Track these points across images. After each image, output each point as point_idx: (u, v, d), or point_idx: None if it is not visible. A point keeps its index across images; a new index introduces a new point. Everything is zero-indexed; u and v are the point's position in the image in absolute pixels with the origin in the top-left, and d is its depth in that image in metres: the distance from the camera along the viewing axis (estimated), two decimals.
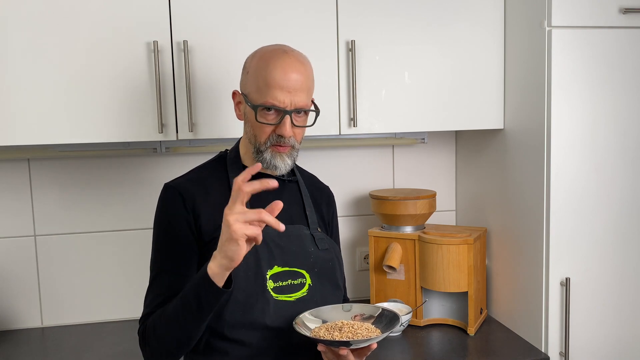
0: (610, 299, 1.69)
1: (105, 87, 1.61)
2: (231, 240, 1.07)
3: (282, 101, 1.23)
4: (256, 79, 1.26)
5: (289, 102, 1.24)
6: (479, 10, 1.82)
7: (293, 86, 1.24)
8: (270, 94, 1.23)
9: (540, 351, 1.69)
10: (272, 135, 1.27)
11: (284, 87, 1.23)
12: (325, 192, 1.52)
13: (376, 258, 1.95)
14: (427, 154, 2.22)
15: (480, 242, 1.88)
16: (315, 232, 1.39)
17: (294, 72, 1.24)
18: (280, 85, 1.23)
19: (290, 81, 1.23)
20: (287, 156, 1.29)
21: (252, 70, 1.28)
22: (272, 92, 1.23)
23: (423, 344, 1.77)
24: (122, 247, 2.01)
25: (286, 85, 1.23)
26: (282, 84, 1.23)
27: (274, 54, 1.27)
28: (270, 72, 1.23)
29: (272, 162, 1.28)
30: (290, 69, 1.24)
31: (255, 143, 1.29)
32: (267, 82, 1.23)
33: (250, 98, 1.27)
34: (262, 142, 1.27)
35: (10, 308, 1.96)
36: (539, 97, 1.66)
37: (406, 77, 1.80)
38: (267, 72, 1.24)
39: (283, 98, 1.23)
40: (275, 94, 1.23)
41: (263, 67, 1.25)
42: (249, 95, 1.28)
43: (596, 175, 1.65)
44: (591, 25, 1.61)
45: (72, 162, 1.96)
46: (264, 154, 1.28)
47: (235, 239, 1.07)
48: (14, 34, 1.55)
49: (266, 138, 1.27)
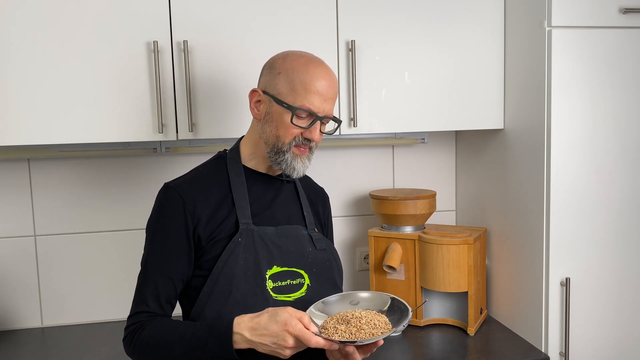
0: (610, 299, 1.69)
1: (105, 87, 1.61)
2: (276, 353, 1.15)
3: (318, 107, 1.27)
4: (292, 81, 1.27)
5: (322, 109, 1.28)
6: (479, 10, 1.82)
7: (329, 95, 1.29)
8: (308, 99, 1.26)
9: (540, 351, 1.69)
10: (297, 137, 1.29)
11: (322, 94, 1.27)
12: (321, 193, 1.53)
13: (376, 258, 1.95)
14: (427, 154, 2.22)
15: (480, 242, 1.88)
16: (313, 232, 1.39)
17: (331, 81, 1.30)
18: (320, 92, 1.27)
19: (329, 90, 1.28)
20: (306, 159, 1.33)
21: (286, 71, 1.29)
22: (311, 97, 1.27)
23: (423, 344, 1.77)
24: (122, 247, 2.01)
25: (324, 93, 1.28)
26: (321, 91, 1.27)
27: (312, 60, 1.30)
28: (311, 77, 1.27)
29: (292, 163, 1.30)
30: (329, 78, 1.29)
31: (276, 143, 1.30)
32: (306, 86, 1.26)
33: (286, 100, 1.28)
34: (287, 142, 1.29)
35: (10, 308, 1.96)
36: (539, 97, 1.66)
37: (406, 77, 1.80)
38: (306, 76, 1.27)
39: (319, 104, 1.27)
40: (313, 99, 1.27)
41: (302, 71, 1.28)
42: (281, 97, 1.29)
43: (596, 175, 1.65)
44: (591, 25, 1.61)
45: (72, 162, 1.96)
46: (285, 154, 1.30)
47: (279, 354, 1.15)
48: (14, 34, 1.55)
49: (291, 139, 1.29)
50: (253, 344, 1.16)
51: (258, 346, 1.16)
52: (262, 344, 1.15)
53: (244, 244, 1.28)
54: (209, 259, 1.28)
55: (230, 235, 1.29)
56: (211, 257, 1.28)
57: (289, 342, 1.13)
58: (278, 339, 1.14)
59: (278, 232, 1.33)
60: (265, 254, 1.29)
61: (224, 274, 1.26)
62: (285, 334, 1.13)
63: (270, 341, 1.14)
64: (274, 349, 1.14)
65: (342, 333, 1.16)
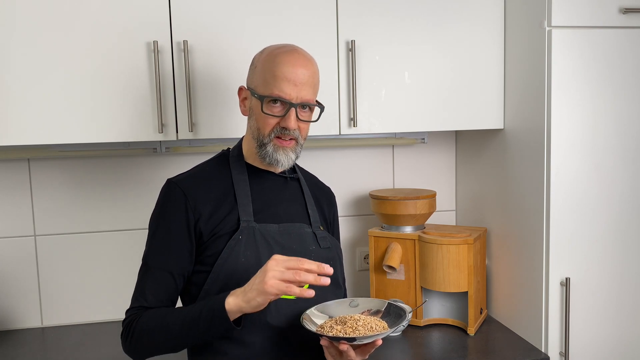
0: (610, 299, 1.69)
1: (105, 87, 1.61)
2: (262, 292, 1.11)
3: (289, 94, 1.26)
4: (264, 72, 1.28)
5: (295, 95, 1.26)
6: (479, 10, 1.82)
7: (300, 80, 1.26)
8: (277, 86, 1.26)
9: (540, 351, 1.69)
10: (276, 128, 1.28)
11: (290, 80, 1.25)
12: (327, 191, 1.52)
13: (376, 258, 1.95)
14: (427, 154, 2.22)
15: (480, 242, 1.88)
16: (318, 230, 1.39)
17: (301, 67, 1.27)
18: (288, 78, 1.25)
19: (297, 75, 1.26)
20: (290, 151, 1.30)
21: (260, 64, 1.30)
22: (280, 84, 1.25)
23: (423, 344, 1.77)
24: (122, 247, 2.01)
25: (293, 79, 1.25)
26: (289, 77, 1.25)
27: (283, 49, 1.30)
28: (278, 65, 1.26)
29: (274, 155, 1.29)
30: (298, 64, 1.27)
31: (258, 136, 1.30)
32: (274, 74, 1.26)
33: (257, 90, 1.29)
34: (266, 134, 1.29)
35: (10, 308, 1.96)
36: (538, 97, 1.66)
37: (406, 77, 1.80)
38: (274, 65, 1.26)
39: (289, 91, 1.26)
40: (282, 86, 1.25)
41: (271, 60, 1.28)
42: (255, 89, 1.30)
43: (596, 175, 1.65)
44: (591, 25, 1.61)
45: (72, 162, 1.96)
46: (266, 147, 1.29)
47: (266, 293, 1.10)
48: (13, 34, 1.55)
49: (270, 130, 1.28)
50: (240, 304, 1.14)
51: (243, 302, 1.13)
52: (245, 294, 1.13)
53: (245, 242, 1.28)
54: (210, 254, 1.28)
55: (231, 232, 1.29)
56: (212, 253, 1.28)
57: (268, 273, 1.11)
58: (258, 278, 1.13)
59: (280, 229, 1.33)
60: (267, 252, 1.29)
61: (224, 271, 1.27)
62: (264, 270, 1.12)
63: (254, 281, 1.13)
64: (255, 295, 1.11)
65: (336, 333, 1.18)
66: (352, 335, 1.16)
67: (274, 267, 1.12)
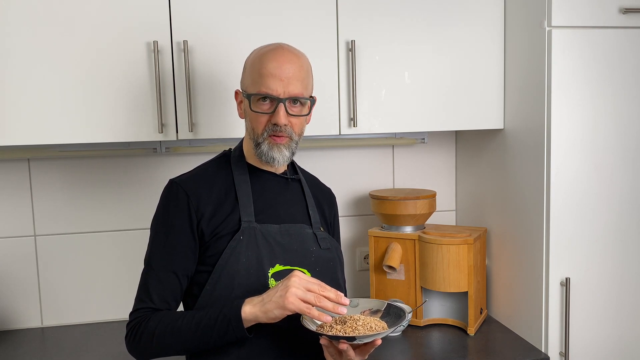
0: (610, 299, 1.69)
1: (105, 87, 1.61)
2: (281, 307, 1.13)
3: (275, 89, 1.26)
4: (252, 72, 1.29)
5: (282, 90, 1.26)
6: (479, 10, 1.82)
7: (286, 75, 1.26)
8: (264, 83, 1.26)
9: (540, 351, 1.69)
10: (268, 125, 1.29)
11: (276, 75, 1.26)
12: (327, 193, 1.52)
13: (376, 258, 1.95)
14: (427, 154, 2.22)
15: (480, 242, 1.88)
16: (318, 232, 1.39)
17: (286, 62, 1.27)
18: (273, 74, 1.26)
19: (282, 70, 1.26)
20: (284, 148, 1.30)
21: (248, 65, 1.32)
22: (265, 81, 1.26)
23: (423, 344, 1.77)
24: (122, 247, 2.01)
25: (279, 74, 1.26)
26: (274, 72, 1.26)
27: (268, 48, 1.31)
28: (263, 63, 1.27)
29: (269, 153, 1.30)
30: (283, 60, 1.27)
31: (253, 136, 1.32)
32: (260, 72, 1.27)
33: (247, 90, 1.31)
34: (259, 133, 1.29)
35: (10, 308, 1.96)
36: (538, 97, 1.66)
37: (406, 77, 1.80)
38: (260, 63, 1.28)
39: (276, 87, 1.26)
40: (268, 82, 1.26)
41: (257, 60, 1.29)
42: (246, 89, 1.31)
43: (596, 175, 1.65)
44: (591, 25, 1.61)
45: (72, 162, 1.96)
46: (261, 145, 1.30)
47: (285, 308, 1.12)
48: (14, 34, 1.55)
49: (262, 128, 1.29)
50: (257, 313, 1.15)
51: (261, 312, 1.15)
52: (264, 304, 1.15)
53: (246, 242, 1.28)
54: (211, 254, 1.28)
55: (233, 232, 1.29)
56: (214, 253, 1.28)
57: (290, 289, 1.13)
58: (279, 291, 1.14)
59: (281, 230, 1.33)
60: (268, 252, 1.29)
61: (225, 271, 1.27)
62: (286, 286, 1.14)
63: (274, 294, 1.15)
64: (273, 308, 1.14)
65: (336, 332, 1.18)
66: (351, 334, 1.16)
67: (297, 284, 1.14)
